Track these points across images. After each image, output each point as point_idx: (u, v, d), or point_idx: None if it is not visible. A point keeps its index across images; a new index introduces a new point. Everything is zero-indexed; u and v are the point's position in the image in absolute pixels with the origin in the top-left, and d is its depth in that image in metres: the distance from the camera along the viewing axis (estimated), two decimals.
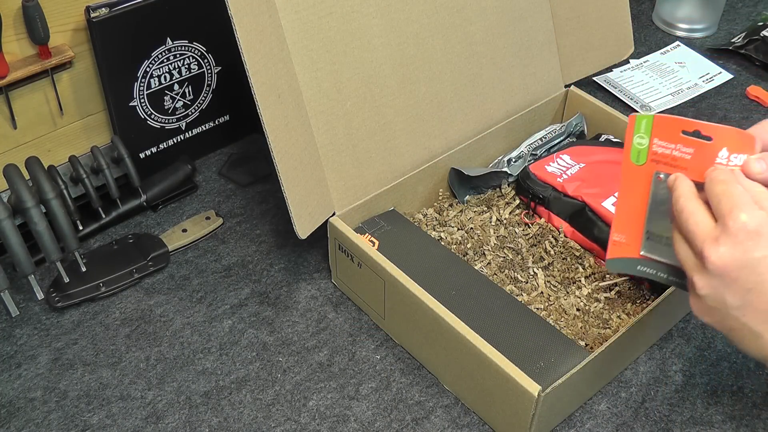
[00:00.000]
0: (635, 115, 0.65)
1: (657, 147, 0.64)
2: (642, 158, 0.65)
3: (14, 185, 0.79)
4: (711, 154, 0.62)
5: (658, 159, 0.65)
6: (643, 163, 0.65)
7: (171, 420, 0.74)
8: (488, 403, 0.72)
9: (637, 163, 0.66)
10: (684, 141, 0.63)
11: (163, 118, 0.96)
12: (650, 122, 0.64)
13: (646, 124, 0.64)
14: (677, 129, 0.63)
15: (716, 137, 0.62)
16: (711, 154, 0.62)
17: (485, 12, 0.91)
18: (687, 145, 0.63)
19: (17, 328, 0.82)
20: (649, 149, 0.65)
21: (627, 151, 0.66)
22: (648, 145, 0.65)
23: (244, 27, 0.70)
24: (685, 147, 0.63)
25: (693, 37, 1.25)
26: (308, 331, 0.82)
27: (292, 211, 0.76)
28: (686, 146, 0.63)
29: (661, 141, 0.64)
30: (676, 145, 0.63)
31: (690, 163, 0.63)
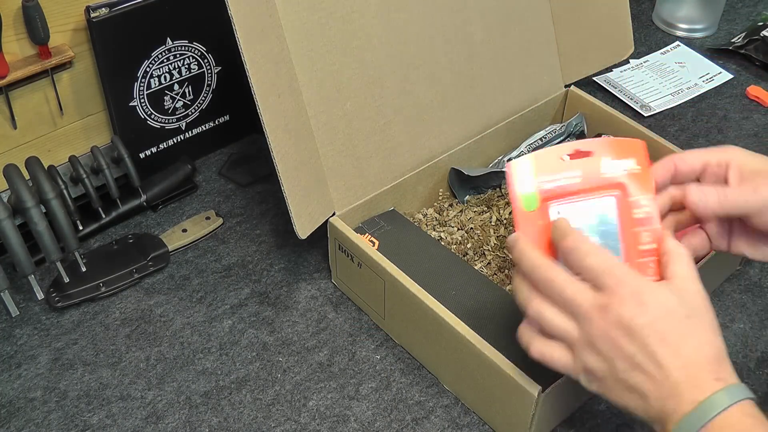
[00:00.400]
0: (510, 162, 0.61)
1: (544, 185, 0.61)
2: (533, 203, 0.61)
3: (14, 185, 0.79)
4: (597, 169, 0.60)
5: (548, 196, 0.61)
6: (535, 207, 0.61)
7: (171, 420, 0.74)
8: (488, 403, 0.72)
9: (530, 210, 0.61)
10: (567, 167, 0.60)
11: (163, 118, 0.96)
12: (528, 163, 0.61)
13: (525, 168, 0.61)
14: (556, 158, 0.61)
15: (596, 150, 0.60)
16: (596, 168, 0.60)
17: (485, 12, 0.91)
18: (572, 169, 0.60)
19: (17, 328, 0.82)
20: (537, 191, 0.61)
21: (516, 204, 0.61)
22: (535, 188, 0.61)
23: (244, 27, 0.70)
24: (571, 172, 0.60)
25: (693, 37, 1.25)
26: (308, 331, 0.82)
27: (292, 211, 0.76)
28: (571, 171, 0.60)
29: (546, 176, 0.61)
30: (561, 175, 0.61)
31: (581, 185, 0.61)
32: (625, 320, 0.54)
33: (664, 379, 0.53)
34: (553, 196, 0.61)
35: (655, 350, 0.54)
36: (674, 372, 0.53)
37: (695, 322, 0.55)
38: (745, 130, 1.07)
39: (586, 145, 0.61)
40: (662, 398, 0.54)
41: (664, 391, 0.53)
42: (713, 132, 1.07)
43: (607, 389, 0.57)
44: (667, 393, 0.53)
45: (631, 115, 1.02)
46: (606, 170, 0.60)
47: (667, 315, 0.54)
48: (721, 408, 0.52)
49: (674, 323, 0.54)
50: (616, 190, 0.61)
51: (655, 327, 0.54)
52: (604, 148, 0.61)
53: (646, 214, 0.61)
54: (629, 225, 0.61)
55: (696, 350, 0.54)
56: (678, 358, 0.53)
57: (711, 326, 0.56)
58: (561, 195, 0.61)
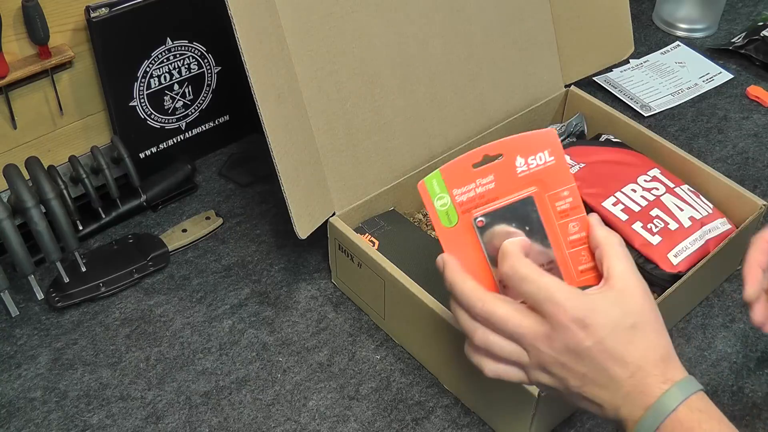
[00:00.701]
0: (421, 181, 0.60)
1: (460, 197, 0.60)
2: (453, 218, 0.60)
3: (14, 185, 0.79)
4: (510, 169, 0.59)
5: (467, 207, 0.60)
6: (456, 221, 0.60)
7: (171, 420, 0.74)
8: (488, 403, 0.72)
9: (451, 225, 0.60)
10: (479, 174, 0.59)
11: (163, 118, 0.96)
12: (440, 178, 0.60)
13: (438, 183, 0.60)
14: (467, 166, 0.60)
15: (505, 151, 0.59)
16: (509, 168, 0.59)
17: (485, 12, 0.90)
18: (484, 175, 0.59)
19: (17, 328, 0.82)
20: (454, 204, 0.60)
21: (435, 220, 0.60)
22: (451, 202, 0.60)
23: (244, 27, 0.70)
24: (484, 178, 0.59)
25: (693, 37, 1.25)
26: (308, 331, 0.82)
27: (292, 211, 0.76)
28: (484, 177, 0.59)
29: (460, 188, 0.60)
30: (476, 182, 0.60)
31: (497, 190, 0.60)
32: (572, 346, 0.55)
33: (615, 390, 0.55)
34: (472, 206, 0.60)
35: (605, 366, 0.55)
36: (625, 382, 0.55)
37: (639, 328, 0.56)
38: (745, 130, 1.07)
39: (494, 148, 0.60)
40: (616, 407, 0.56)
41: (617, 401, 0.56)
42: (713, 132, 1.07)
43: (565, 399, 0.59)
44: (621, 402, 0.55)
45: (631, 115, 1.02)
46: (520, 169, 0.60)
47: (612, 330, 0.55)
48: (670, 409, 0.54)
49: (619, 336, 0.55)
50: (533, 186, 0.60)
51: (602, 346, 0.55)
52: (514, 147, 0.59)
53: (569, 205, 0.60)
54: (554, 218, 0.61)
55: (642, 357, 0.55)
56: (626, 369, 0.55)
57: (654, 328, 0.57)
58: (479, 203, 0.60)
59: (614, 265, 0.58)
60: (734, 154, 1.04)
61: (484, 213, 0.60)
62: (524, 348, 0.57)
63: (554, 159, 0.60)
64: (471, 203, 0.60)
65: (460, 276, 0.59)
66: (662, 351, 0.56)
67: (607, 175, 0.87)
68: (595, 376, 0.56)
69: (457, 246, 0.60)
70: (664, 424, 0.54)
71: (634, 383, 0.55)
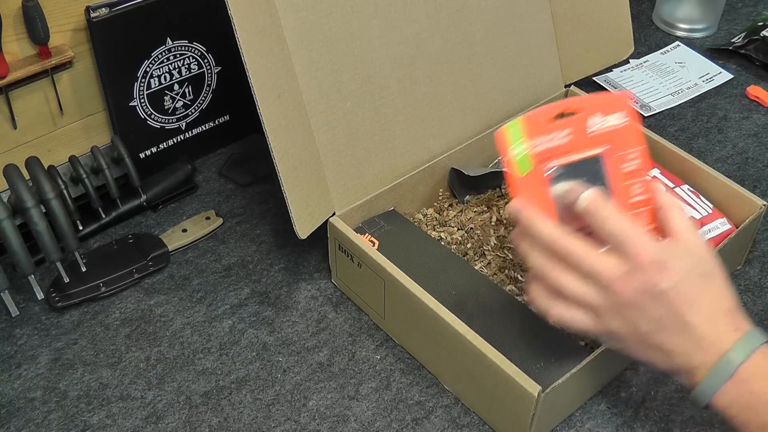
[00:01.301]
0: (500, 129, 0.62)
1: (536, 148, 0.62)
2: (526, 166, 0.62)
3: (14, 185, 0.79)
4: (584, 127, 0.61)
5: (541, 158, 0.62)
6: (529, 170, 0.62)
7: (171, 420, 0.74)
8: (488, 403, 0.72)
9: (524, 174, 0.62)
10: (557, 126, 0.61)
11: (163, 118, 0.96)
12: (518, 127, 0.61)
13: (517, 131, 0.61)
14: (546, 119, 0.62)
15: (582, 109, 0.62)
16: (584, 126, 0.61)
17: (485, 12, 0.91)
18: (562, 128, 0.62)
19: (17, 328, 0.82)
20: (529, 154, 0.62)
21: (510, 169, 0.62)
22: (527, 151, 0.62)
23: (244, 27, 0.70)
24: (562, 131, 0.62)
25: (693, 37, 1.25)
26: (308, 331, 0.82)
27: (292, 211, 0.76)
28: (562, 130, 0.62)
29: (538, 138, 0.62)
30: (552, 135, 0.62)
31: (571, 144, 0.62)
32: (649, 287, 0.57)
33: (689, 336, 0.57)
34: (545, 157, 0.62)
35: (681, 311, 0.57)
36: (698, 328, 0.57)
37: (710, 278, 0.59)
38: (745, 130, 1.07)
39: (573, 103, 0.62)
40: (688, 354, 0.58)
41: (690, 347, 0.58)
42: (713, 132, 1.07)
43: (630, 349, 0.61)
44: (693, 348, 0.57)
45: None
46: (594, 127, 0.61)
47: (687, 276, 0.58)
48: (745, 355, 0.56)
49: (693, 283, 0.58)
50: (604, 145, 0.62)
51: (678, 290, 0.57)
52: (591, 106, 0.61)
53: (635, 166, 0.62)
54: (619, 179, 0.62)
55: (713, 305, 0.58)
56: (700, 315, 0.57)
57: (722, 281, 0.60)
58: (552, 156, 0.62)
59: (680, 223, 0.61)
60: (734, 154, 1.04)
61: (557, 165, 0.62)
62: (599, 289, 0.59)
63: (627, 121, 0.62)
64: (545, 155, 0.62)
65: (537, 215, 0.61)
66: (730, 302, 0.59)
67: None
68: (669, 321, 0.57)
69: (527, 195, 0.62)
70: (739, 370, 0.56)
71: (707, 330, 0.57)
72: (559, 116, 0.62)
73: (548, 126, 0.62)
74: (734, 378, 0.57)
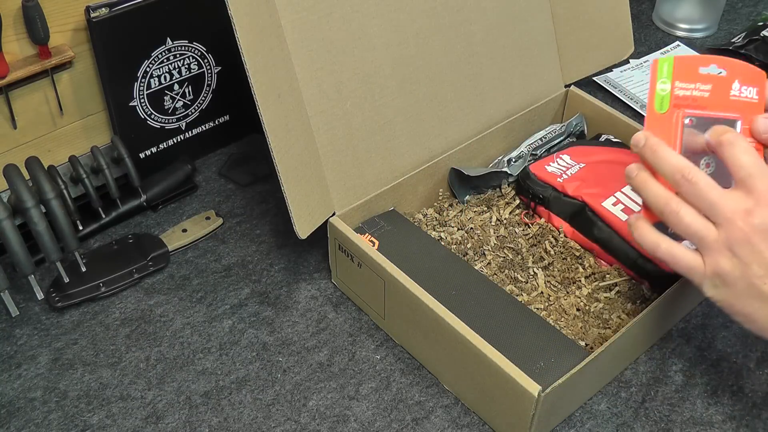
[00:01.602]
0: (657, 59, 0.65)
1: (678, 90, 0.64)
2: (665, 105, 0.65)
3: (14, 185, 0.79)
4: (726, 88, 0.63)
5: (679, 103, 0.65)
6: (666, 110, 0.65)
7: (171, 420, 0.74)
8: (488, 403, 0.72)
9: (661, 111, 0.65)
10: (702, 78, 0.64)
11: (163, 118, 0.96)
12: (671, 65, 0.64)
13: (668, 68, 0.64)
14: (696, 67, 0.64)
15: (729, 70, 0.63)
16: (726, 87, 0.63)
17: (485, 12, 0.91)
18: (705, 82, 0.63)
19: (17, 328, 0.82)
20: (671, 94, 0.65)
21: (651, 100, 0.65)
22: (670, 91, 0.65)
23: (244, 27, 0.70)
24: (704, 84, 0.64)
25: (693, 37, 1.25)
26: (308, 331, 0.82)
27: (292, 211, 0.76)
28: (704, 83, 0.64)
29: (682, 83, 0.64)
30: (695, 85, 0.64)
31: (708, 100, 0.64)
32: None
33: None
34: (683, 104, 0.64)
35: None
36: None
37: None
38: None
39: (723, 62, 0.63)
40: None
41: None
42: None
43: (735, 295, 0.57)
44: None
45: (631, 115, 1.02)
46: (734, 93, 0.63)
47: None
48: None
49: None
50: (738, 113, 0.64)
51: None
52: (737, 71, 0.63)
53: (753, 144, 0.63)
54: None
55: None
56: None
57: None
58: (689, 105, 0.64)
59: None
60: None
61: (695, 115, 0.64)
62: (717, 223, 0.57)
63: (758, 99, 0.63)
64: (684, 101, 0.64)
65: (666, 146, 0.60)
66: None
67: (607, 175, 0.87)
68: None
69: (658, 132, 0.64)
70: None
71: None
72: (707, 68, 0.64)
73: (695, 74, 0.64)
74: None
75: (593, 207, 0.84)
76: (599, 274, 0.83)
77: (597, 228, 0.83)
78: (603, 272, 0.83)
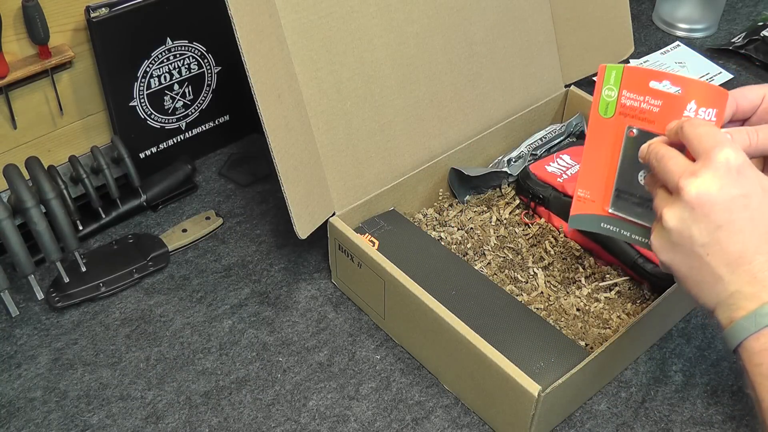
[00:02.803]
0: (605, 65, 0.64)
1: (625, 99, 0.63)
2: (610, 111, 0.64)
3: (14, 185, 0.79)
4: (679, 107, 0.61)
5: (626, 112, 0.64)
6: (611, 116, 0.64)
7: (171, 420, 0.74)
8: (488, 403, 0.72)
9: (605, 116, 0.65)
10: (652, 93, 0.62)
11: (163, 118, 0.96)
12: (620, 73, 0.63)
13: (616, 75, 0.63)
14: (646, 80, 0.62)
15: (685, 89, 0.61)
16: (679, 106, 0.61)
17: (485, 12, 0.91)
18: (655, 97, 0.62)
19: (17, 328, 0.82)
20: (617, 102, 0.64)
21: (595, 103, 0.65)
22: (617, 98, 0.64)
23: (244, 27, 0.70)
24: (654, 99, 0.62)
25: (693, 37, 1.25)
26: (308, 331, 0.82)
27: (292, 211, 0.76)
28: (654, 98, 0.62)
29: (630, 93, 0.63)
30: (644, 98, 0.62)
31: (657, 116, 0.62)
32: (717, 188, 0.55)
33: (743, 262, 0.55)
34: (630, 113, 0.63)
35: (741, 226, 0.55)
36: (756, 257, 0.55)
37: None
38: None
39: (677, 80, 0.62)
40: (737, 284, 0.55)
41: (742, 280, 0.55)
42: None
43: (685, 268, 0.58)
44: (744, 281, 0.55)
45: None
46: (688, 113, 0.61)
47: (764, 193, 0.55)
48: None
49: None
50: None
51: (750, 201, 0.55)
52: (693, 91, 0.61)
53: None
54: None
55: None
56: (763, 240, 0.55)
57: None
58: (636, 116, 0.63)
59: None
60: None
61: (641, 129, 0.63)
62: (668, 188, 0.58)
63: (716, 121, 0.61)
64: (631, 111, 0.63)
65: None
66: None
67: None
68: (723, 237, 0.54)
69: (598, 138, 0.65)
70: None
71: (751, 270, 0.54)
72: (659, 84, 0.63)
73: (645, 87, 0.62)
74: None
75: None
76: (599, 274, 0.83)
77: None
78: (603, 272, 0.83)
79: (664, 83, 0.62)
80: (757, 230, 0.54)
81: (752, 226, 0.54)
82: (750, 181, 0.55)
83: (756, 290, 0.54)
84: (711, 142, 0.56)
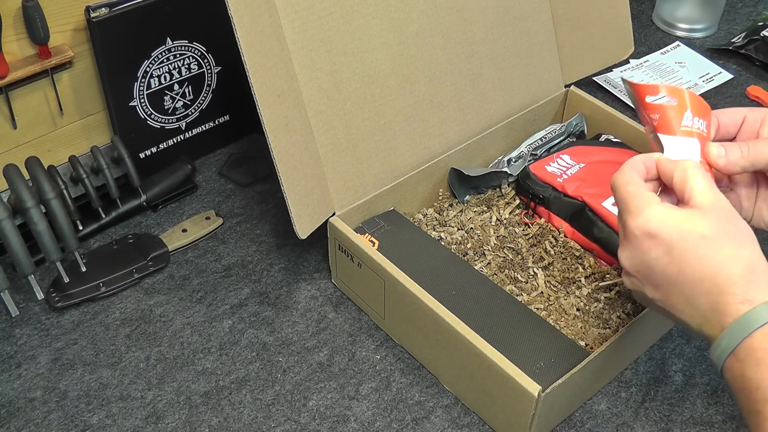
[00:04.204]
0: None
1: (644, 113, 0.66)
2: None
3: (14, 185, 0.79)
4: (678, 116, 0.63)
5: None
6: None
7: (171, 420, 0.74)
8: (488, 403, 0.72)
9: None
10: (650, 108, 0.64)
11: (163, 118, 0.96)
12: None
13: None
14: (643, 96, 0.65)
15: (679, 100, 0.63)
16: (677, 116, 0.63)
17: (485, 12, 0.91)
18: (653, 111, 0.64)
19: (17, 328, 0.82)
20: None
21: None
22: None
23: (244, 27, 0.70)
24: (652, 114, 0.64)
25: (693, 37, 1.25)
26: (308, 331, 0.82)
27: (292, 211, 0.76)
28: (652, 113, 0.64)
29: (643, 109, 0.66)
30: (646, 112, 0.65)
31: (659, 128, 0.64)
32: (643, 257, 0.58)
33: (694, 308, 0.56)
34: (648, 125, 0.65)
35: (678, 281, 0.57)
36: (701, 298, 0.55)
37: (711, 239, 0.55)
38: None
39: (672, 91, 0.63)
40: (699, 324, 0.56)
41: (697, 318, 0.56)
42: None
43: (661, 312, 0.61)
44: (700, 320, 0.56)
45: (631, 115, 1.02)
46: (686, 123, 0.63)
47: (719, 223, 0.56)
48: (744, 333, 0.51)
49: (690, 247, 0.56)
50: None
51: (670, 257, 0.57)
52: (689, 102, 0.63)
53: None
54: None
55: (718, 272, 0.54)
56: (701, 285, 0.55)
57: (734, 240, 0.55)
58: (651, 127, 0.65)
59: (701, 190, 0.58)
60: None
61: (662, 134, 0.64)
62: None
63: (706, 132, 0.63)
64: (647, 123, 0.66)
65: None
66: (744, 264, 0.53)
67: (607, 175, 0.85)
68: (669, 292, 0.56)
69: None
70: (736, 350, 0.51)
71: (711, 300, 0.53)
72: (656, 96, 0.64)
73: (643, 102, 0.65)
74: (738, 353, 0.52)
75: (593, 207, 0.84)
76: (599, 274, 0.83)
77: (597, 228, 0.83)
78: (603, 272, 0.83)
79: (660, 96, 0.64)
80: (687, 281, 0.55)
81: (683, 277, 0.56)
82: (665, 239, 0.56)
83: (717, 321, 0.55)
84: (625, 211, 0.59)
